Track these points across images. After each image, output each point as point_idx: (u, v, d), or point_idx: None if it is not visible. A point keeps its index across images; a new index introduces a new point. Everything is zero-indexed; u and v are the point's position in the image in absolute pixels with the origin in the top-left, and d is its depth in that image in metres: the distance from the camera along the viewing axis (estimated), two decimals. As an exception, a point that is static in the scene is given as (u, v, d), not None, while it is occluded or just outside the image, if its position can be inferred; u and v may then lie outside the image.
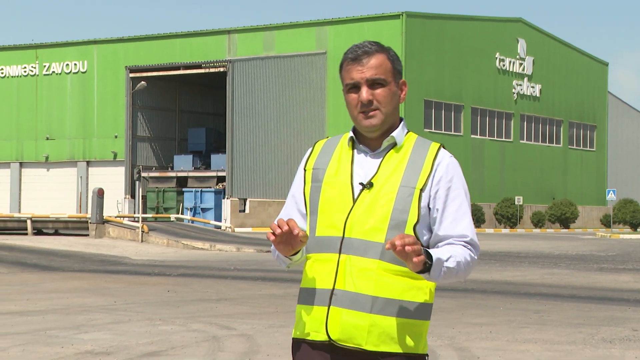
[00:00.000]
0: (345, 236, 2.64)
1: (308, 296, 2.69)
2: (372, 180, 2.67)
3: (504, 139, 55.07)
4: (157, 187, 46.71)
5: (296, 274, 16.44)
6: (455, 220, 2.68)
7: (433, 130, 49.66)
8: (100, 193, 28.40)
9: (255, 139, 45.63)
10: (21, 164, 55.20)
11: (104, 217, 28.62)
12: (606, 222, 57.28)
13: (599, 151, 63.46)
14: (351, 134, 2.77)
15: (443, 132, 50.54)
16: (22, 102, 55.17)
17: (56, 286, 14.36)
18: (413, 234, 2.64)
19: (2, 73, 55.81)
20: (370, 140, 2.73)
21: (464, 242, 2.69)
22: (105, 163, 52.57)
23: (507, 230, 49.73)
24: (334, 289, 2.64)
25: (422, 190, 2.66)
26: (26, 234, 29.19)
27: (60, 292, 13.30)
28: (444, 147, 2.75)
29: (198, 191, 44.32)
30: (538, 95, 57.38)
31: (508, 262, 21.35)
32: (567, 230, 53.49)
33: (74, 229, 29.91)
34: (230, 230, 37.00)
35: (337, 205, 2.68)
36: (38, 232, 30.06)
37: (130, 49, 52.31)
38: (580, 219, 58.17)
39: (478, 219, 50.81)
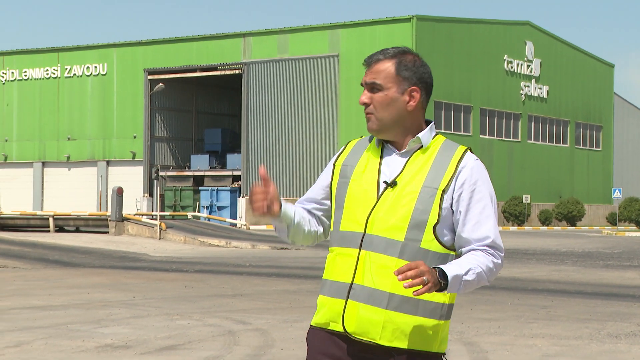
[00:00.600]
0: (366, 232, 2.64)
1: (328, 288, 2.70)
2: (396, 180, 2.65)
3: (512, 139, 54.90)
4: (174, 186, 46.86)
5: (310, 271, 16.46)
6: (478, 223, 2.65)
7: (443, 131, 49.54)
8: (119, 192, 28.49)
9: (269, 139, 45.67)
10: (44, 164, 55.47)
11: (123, 215, 28.70)
12: (612, 220, 57.01)
13: (605, 151, 63.15)
14: None
15: (452, 132, 50.43)
16: (44, 103, 55.43)
17: (77, 282, 14.42)
18: (433, 236, 2.63)
19: (25, 76, 56.09)
20: (397, 141, 2.72)
21: (486, 245, 2.66)
22: (125, 163, 52.74)
23: (515, 228, 49.58)
24: (352, 283, 2.64)
25: (444, 191, 2.63)
26: (48, 231, 29.30)
27: (81, 288, 13.35)
28: (471, 151, 2.73)
29: (214, 190, 44.43)
30: (545, 96, 57.16)
31: (516, 259, 21.28)
32: (573, 228, 53.27)
33: (94, 226, 30.00)
34: (245, 227, 37.04)
35: (361, 202, 2.67)
36: (60, 229, 30.18)
37: (149, 52, 52.46)
38: (586, 217, 57.92)
39: (486, 217, 50.67)
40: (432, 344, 2.66)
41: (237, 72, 45.76)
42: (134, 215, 31.73)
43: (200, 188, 45.32)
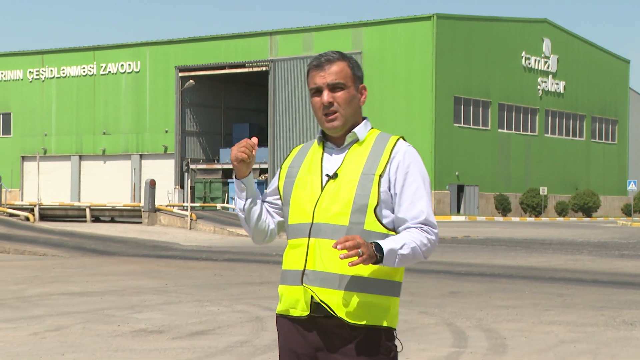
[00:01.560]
0: (314, 222, 2.76)
1: (286, 277, 2.83)
2: (337, 172, 2.77)
3: (529, 133, 54.50)
4: (204, 178, 47.05)
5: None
6: (412, 203, 2.74)
7: (462, 125, 49.29)
8: (152, 184, 28.63)
9: (294, 133, 45.67)
10: (80, 157, 55.93)
11: (156, 206, 28.84)
12: (627, 211, 56.44)
13: (620, 144, 62.53)
14: (319, 134, 2.89)
15: (472, 126, 50.14)
16: (81, 100, 55.85)
17: (113, 269, 14.52)
18: (374, 217, 2.73)
19: (63, 73, 56.54)
20: (336, 138, 2.82)
21: (420, 223, 2.74)
22: (157, 156, 53.02)
23: (532, 219, 49.26)
24: (304, 269, 2.76)
25: (381, 176, 2.74)
26: (85, 221, 29.53)
27: (116, 275, 13.45)
28: (403, 139, 2.83)
29: (242, 182, 44.50)
30: (562, 91, 56.67)
31: (533, 248, 21.15)
32: (589, 219, 52.82)
33: (128, 216, 30.17)
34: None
35: (307, 196, 2.80)
36: (96, 219, 30.40)
37: (180, 50, 52.65)
38: (602, 209, 57.41)
39: (505, 208, 50.38)
40: (385, 319, 2.74)
41: (264, 69, 45.78)
42: (166, 206, 31.89)
43: (228, 180, 45.47)
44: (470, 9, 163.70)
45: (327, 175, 2.78)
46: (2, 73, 58.44)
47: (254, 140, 2.88)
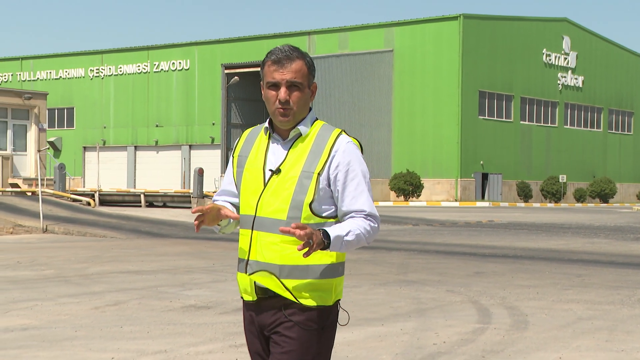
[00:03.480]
0: (257, 215, 2.70)
1: (238, 264, 2.81)
2: (280, 167, 2.70)
3: (549, 125, 53.79)
4: (248, 167, 47.15)
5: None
6: (354, 198, 2.69)
7: (487, 117, 48.80)
8: (200, 172, 28.82)
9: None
10: (136, 148, 56.54)
11: (204, 192, 29.02)
12: (642, 198, 55.43)
13: (636, 134, 61.42)
14: (266, 124, 2.78)
15: (495, 118, 49.63)
16: (136, 95, 56.40)
17: (165, 250, 14.64)
18: (310, 212, 2.67)
19: (120, 71, 57.13)
20: (283, 130, 2.74)
21: (364, 215, 2.69)
22: (205, 146, 53.39)
23: (552, 205, 48.66)
24: (248, 259, 2.74)
25: (319, 174, 2.67)
26: (140, 206, 29.81)
27: (168, 255, 13.56)
28: (344, 133, 2.74)
29: (283, 170, 44.60)
30: (581, 85, 55.79)
31: (553, 232, 20.90)
32: (606, 204, 52.04)
33: (179, 202, 30.39)
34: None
35: (252, 189, 2.74)
36: (149, 204, 30.68)
37: (226, 49, 52.85)
38: (618, 195, 56.51)
39: (526, 195, 49.85)
40: (328, 300, 2.70)
41: (302, 66, 45.58)
42: (213, 192, 32.06)
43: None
44: (494, 9, 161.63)
45: (270, 170, 2.71)
46: (66, 71, 59.26)
47: (192, 211, 2.81)
